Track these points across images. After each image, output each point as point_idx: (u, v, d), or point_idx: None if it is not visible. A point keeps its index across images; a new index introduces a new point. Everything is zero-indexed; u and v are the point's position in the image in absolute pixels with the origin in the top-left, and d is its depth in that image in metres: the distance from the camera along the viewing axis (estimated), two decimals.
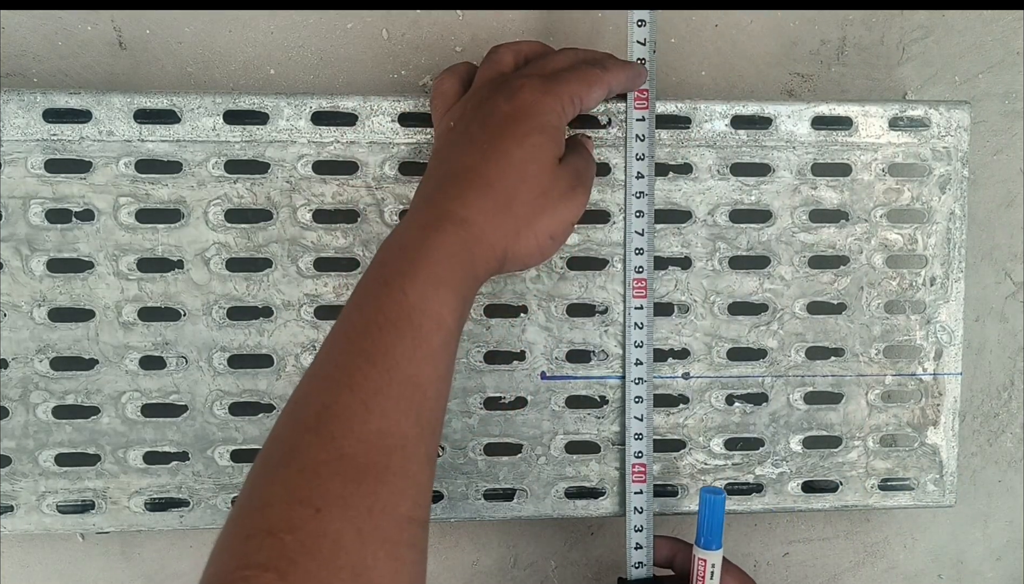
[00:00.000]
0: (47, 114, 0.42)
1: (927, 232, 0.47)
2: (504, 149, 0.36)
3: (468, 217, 0.34)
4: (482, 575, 0.52)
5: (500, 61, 0.40)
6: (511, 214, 0.36)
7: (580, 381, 0.45)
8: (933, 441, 0.48)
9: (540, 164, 0.36)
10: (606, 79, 0.39)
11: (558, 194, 0.37)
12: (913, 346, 0.47)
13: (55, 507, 0.44)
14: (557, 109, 0.37)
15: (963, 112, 0.46)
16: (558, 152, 0.37)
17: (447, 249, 0.33)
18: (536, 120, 0.36)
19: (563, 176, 0.37)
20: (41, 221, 0.42)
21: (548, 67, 0.39)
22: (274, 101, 0.43)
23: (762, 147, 0.45)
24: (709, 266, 0.46)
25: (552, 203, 0.37)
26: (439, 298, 0.33)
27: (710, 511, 0.41)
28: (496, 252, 0.35)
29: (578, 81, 0.38)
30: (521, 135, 0.36)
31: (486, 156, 0.36)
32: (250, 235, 0.43)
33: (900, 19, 0.51)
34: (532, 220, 0.36)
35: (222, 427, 0.44)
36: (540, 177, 0.36)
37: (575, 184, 0.38)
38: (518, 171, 0.36)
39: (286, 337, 0.44)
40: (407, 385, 0.31)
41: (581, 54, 0.40)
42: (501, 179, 0.35)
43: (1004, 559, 0.56)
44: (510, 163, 0.36)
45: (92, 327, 0.43)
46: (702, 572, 0.42)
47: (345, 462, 0.29)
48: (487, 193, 0.35)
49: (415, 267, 0.33)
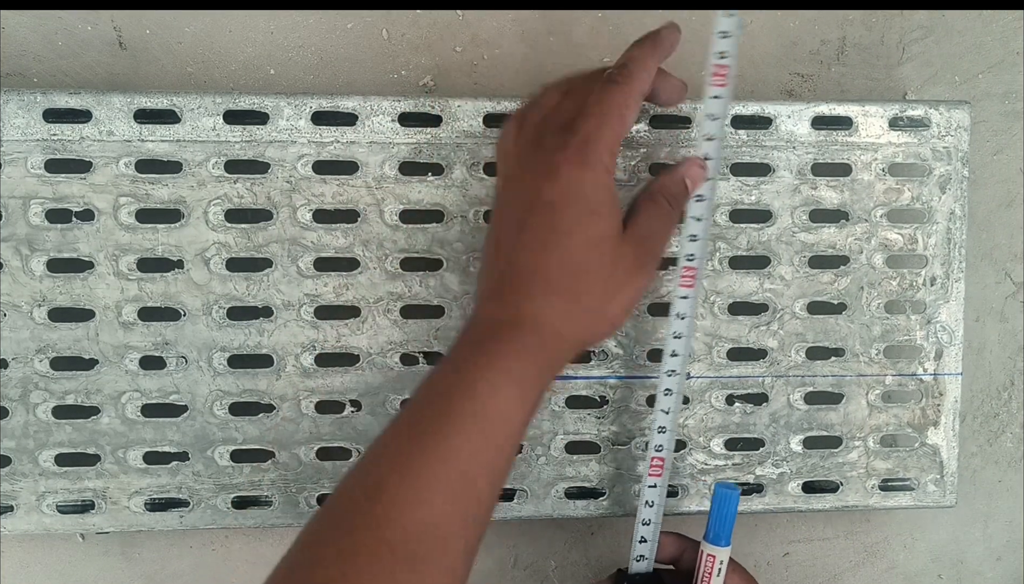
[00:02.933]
0: (47, 114, 0.42)
1: (927, 232, 0.47)
2: (557, 242, 0.34)
3: (540, 318, 0.34)
4: (482, 575, 0.51)
5: (543, 105, 0.37)
6: (581, 308, 0.34)
7: (580, 381, 0.45)
8: (933, 441, 0.48)
9: (599, 249, 0.35)
10: (634, 89, 0.36)
11: (624, 272, 0.35)
12: (913, 346, 0.47)
13: (55, 507, 0.44)
14: (601, 179, 0.35)
15: (963, 112, 0.46)
16: (615, 223, 0.35)
17: (521, 348, 0.33)
18: (583, 203, 0.34)
19: (626, 252, 0.35)
20: (41, 221, 0.42)
21: (569, 116, 0.36)
22: (274, 101, 0.43)
23: (762, 147, 0.45)
24: (709, 266, 0.46)
25: (620, 284, 0.35)
26: (509, 395, 0.32)
27: (723, 507, 0.41)
28: (572, 345, 0.35)
29: (608, 125, 0.35)
30: (572, 223, 0.34)
31: (545, 250, 0.34)
32: (250, 235, 0.43)
33: (900, 19, 0.51)
34: (603, 307, 0.35)
35: (222, 427, 0.44)
36: (602, 263, 0.35)
37: (641, 254, 0.36)
38: (578, 263, 0.34)
39: (286, 337, 0.44)
40: (461, 480, 0.31)
41: (598, 74, 0.37)
42: (564, 276, 0.34)
43: (1004, 559, 0.56)
44: (569, 256, 0.34)
45: (92, 327, 0.43)
46: (709, 568, 0.41)
47: (384, 548, 0.30)
48: (553, 292, 0.34)
49: (489, 364, 0.33)
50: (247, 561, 0.50)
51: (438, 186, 0.44)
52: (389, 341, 0.44)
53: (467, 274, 0.45)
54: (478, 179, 0.44)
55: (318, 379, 0.44)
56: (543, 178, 0.35)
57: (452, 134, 0.44)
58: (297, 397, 0.44)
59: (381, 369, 0.44)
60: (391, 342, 0.44)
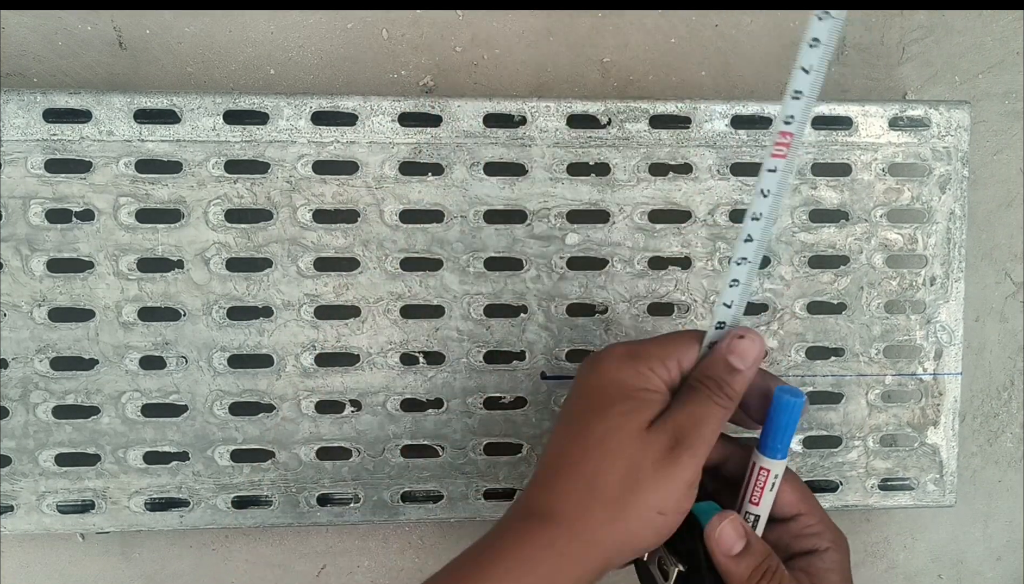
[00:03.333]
0: (47, 114, 0.42)
1: (927, 232, 0.47)
2: (586, 423, 0.33)
3: (554, 509, 0.32)
4: None
5: None
6: (599, 500, 0.32)
7: None
8: (933, 441, 0.48)
9: (623, 434, 0.32)
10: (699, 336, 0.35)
11: (651, 464, 0.32)
12: (913, 346, 0.47)
13: (55, 507, 0.44)
14: (643, 371, 0.33)
15: (963, 112, 0.46)
16: (648, 416, 0.33)
17: (527, 547, 0.31)
18: (618, 387, 0.33)
19: (655, 441, 0.32)
20: (41, 221, 0.42)
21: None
22: (274, 101, 0.43)
23: (762, 147, 0.45)
24: (709, 266, 0.46)
25: (646, 476, 0.32)
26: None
27: (784, 415, 0.34)
28: (594, 549, 0.32)
29: (672, 341, 0.34)
30: (603, 406, 0.33)
31: (572, 435, 0.33)
32: (250, 235, 0.43)
33: (900, 19, 0.51)
34: (625, 501, 0.32)
35: (222, 427, 0.44)
36: (624, 449, 0.32)
37: (672, 445, 0.32)
38: (600, 446, 0.32)
39: (286, 337, 0.44)
40: None
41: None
42: (585, 459, 0.32)
43: (1004, 559, 0.56)
44: (592, 439, 0.32)
45: (92, 327, 0.43)
46: (762, 483, 0.35)
47: None
48: (570, 479, 0.32)
49: (490, 566, 0.31)
50: (247, 561, 0.50)
51: (438, 186, 0.44)
52: (389, 341, 0.44)
53: (467, 274, 0.45)
54: (478, 179, 0.44)
55: (318, 379, 0.44)
56: (588, 367, 0.34)
57: (452, 134, 0.44)
58: (297, 397, 0.44)
59: (381, 369, 0.44)
60: (391, 342, 0.44)
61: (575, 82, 0.49)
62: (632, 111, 0.44)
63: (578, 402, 0.34)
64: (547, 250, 0.45)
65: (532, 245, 0.45)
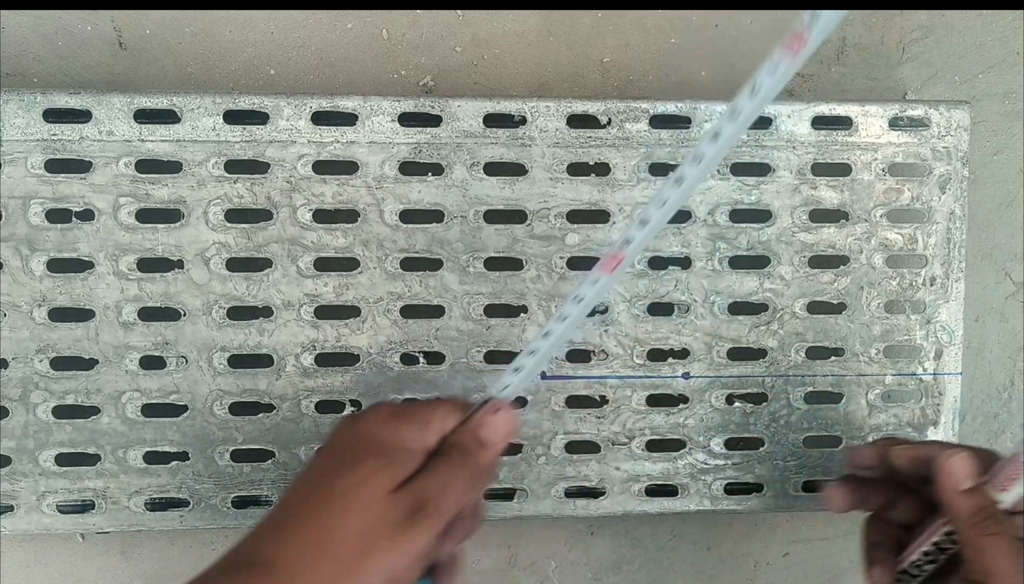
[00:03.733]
0: (47, 114, 0.42)
1: (927, 232, 0.47)
2: (333, 475, 0.32)
3: (277, 559, 0.30)
4: (481, 575, 0.51)
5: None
6: (330, 554, 0.30)
7: (580, 381, 0.45)
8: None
9: (368, 491, 0.31)
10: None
11: (389, 527, 0.31)
12: (913, 346, 0.47)
13: (55, 507, 0.44)
14: (402, 431, 0.33)
15: (963, 112, 0.46)
16: (398, 476, 0.32)
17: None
18: (374, 443, 0.33)
19: (398, 505, 0.31)
20: (41, 221, 0.42)
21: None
22: (274, 101, 0.43)
23: (762, 147, 0.45)
24: (709, 266, 0.46)
25: (382, 538, 0.31)
26: None
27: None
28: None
29: (438, 406, 0.34)
30: (354, 461, 0.32)
31: (312, 486, 0.32)
32: (250, 235, 0.43)
33: (900, 19, 0.51)
34: (358, 561, 0.30)
35: (222, 427, 0.44)
36: (366, 508, 0.31)
37: (412, 511, 0.31)
38: (341, 501, 0.31)
39: (286, 337, 0.44)
40: None
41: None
42: (321, 511, 0.31)
43: None
44: (333, 492, 0.31)
45: (92, 327, 0.43)
46: (1014, 473, 0.34)
47: None
48: (303, 529, 0.31)
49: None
50: None
51: (438, 186, 0.44)
52: (389, 341, 0.44)
53: (467, 274, 0.45)
54: (478, 179, 0.44)
55: (318, 379, 0.44)
56: (348, 422, 0.34)
57: (452, 134, 0.44)
58: (297, 397, 0.44)
59: (381, 369, 0.44)
60: (391, 342, 0.44)
61: (575, 82, 0.49)
62: (632, 111, 0.44)
63: (329, 452, 0.34)
64: (547, 250, 0.45)
65: (532, 245, 0.45)
